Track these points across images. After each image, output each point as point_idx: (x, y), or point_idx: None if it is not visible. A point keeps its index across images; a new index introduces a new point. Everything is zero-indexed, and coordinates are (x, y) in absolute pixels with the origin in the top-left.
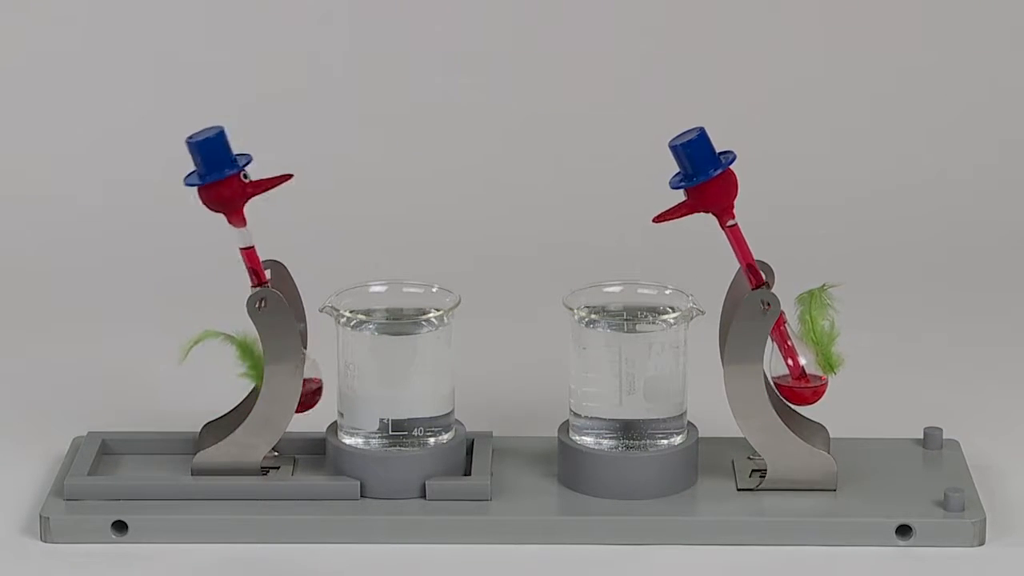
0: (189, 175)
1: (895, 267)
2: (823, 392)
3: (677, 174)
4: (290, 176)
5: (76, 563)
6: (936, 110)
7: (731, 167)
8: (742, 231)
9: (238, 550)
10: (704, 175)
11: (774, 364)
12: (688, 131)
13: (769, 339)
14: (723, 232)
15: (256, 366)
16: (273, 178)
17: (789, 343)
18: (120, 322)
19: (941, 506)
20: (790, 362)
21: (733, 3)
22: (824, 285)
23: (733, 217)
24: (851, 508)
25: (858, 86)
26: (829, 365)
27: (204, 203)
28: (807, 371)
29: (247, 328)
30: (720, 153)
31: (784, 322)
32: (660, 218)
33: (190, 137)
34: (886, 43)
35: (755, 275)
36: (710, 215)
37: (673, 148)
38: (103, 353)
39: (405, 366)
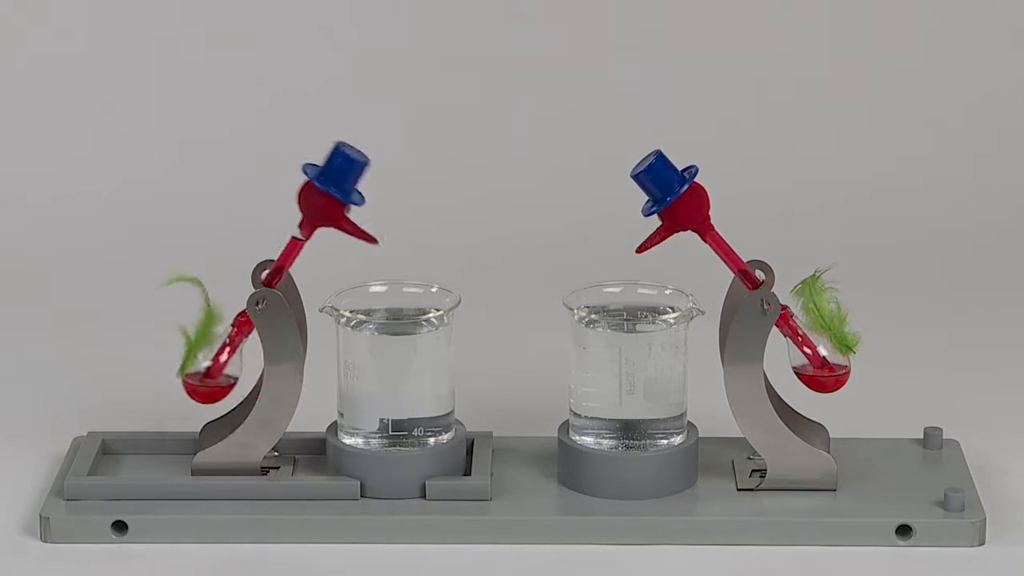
0: (311, 165)
1: (895, 267)
2: (845, 380)
3: (647, 201)
4: (376, 241)
5: (76, 563)
6: (936, 110)
7: (697, 180)
8: (726, 239)
9: (238, 550)
10: (672, 195)
11: (792, 355)
12: (646, 156)
13: (782, 335)
14: (707, 245)
15: (199, 339)
16: (362, 232)
17: (801, 335)
18: (120, 322)
19: (941, 506)
20: (808, 351)
21: (734, 3)
22: (816, 272)
23: (712, 229)
24: (851, 508)
25: (859, 86)
26: (846, 346)
27: (298, 195)
28: (829, 360)
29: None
30: (683, 169)
31: (791, 316)
32: (641, 248)
33: (341, 143)
34: (886, 43)
35: (750, 279)
36: (691, 233)
37: (635, 177)
38: (103, 353)
39: (405, 366)
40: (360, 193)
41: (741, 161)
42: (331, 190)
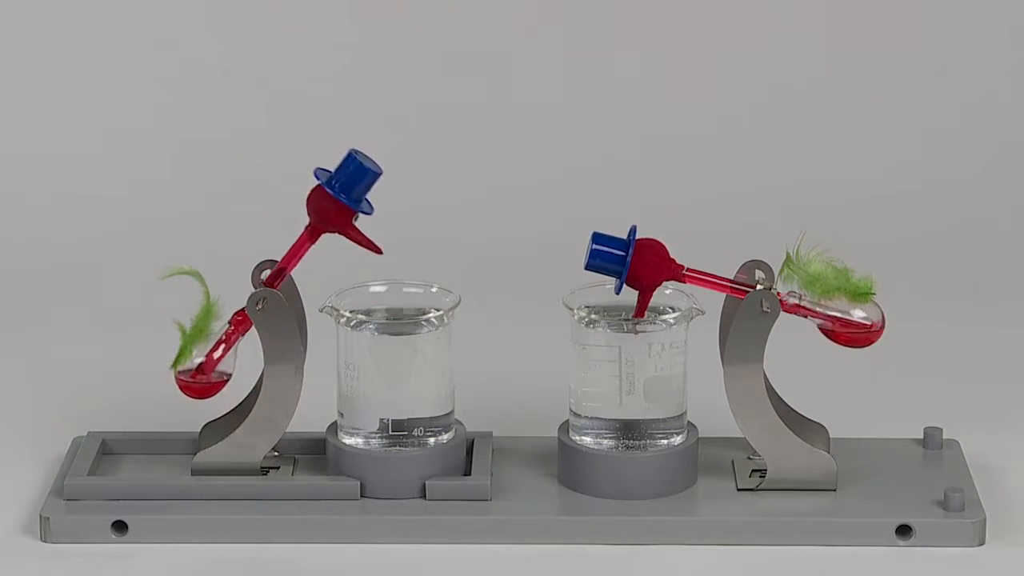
0: (323, 170)
1: (895, 267)
2: (877, 338)
3: (615, 281)
4: (380, 251)
5: (76, 563)
6: (936, 110)
7: (640, 236)
8: (700, 269)
9: (238, 550)
10: (625, 264)
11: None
12: (588, 244)
13: (802, 318)
14: (688, 284)
15: (194, 334)
16: (368, 241)
17: (819, 310)
18: (120, 322)
19: (941, 506)
20: (836, 315)
21: (733, 3)
22: (788, 255)
23: (682, 270)
24: (851, 508)
25: (858, 86)
26: (863, 294)
27: (309, 199)
28: (867, 318)
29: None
30: (628, 235)
31: (798, 299)
32: (636, 316)
33: (355, 151)
34: (886, 43)
35: (742, 294)
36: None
37: (589, 268)
38: (103, 353)
39: (405, 366)
40: (369, 203)
41: (741, 161)
42: (341, 197)
